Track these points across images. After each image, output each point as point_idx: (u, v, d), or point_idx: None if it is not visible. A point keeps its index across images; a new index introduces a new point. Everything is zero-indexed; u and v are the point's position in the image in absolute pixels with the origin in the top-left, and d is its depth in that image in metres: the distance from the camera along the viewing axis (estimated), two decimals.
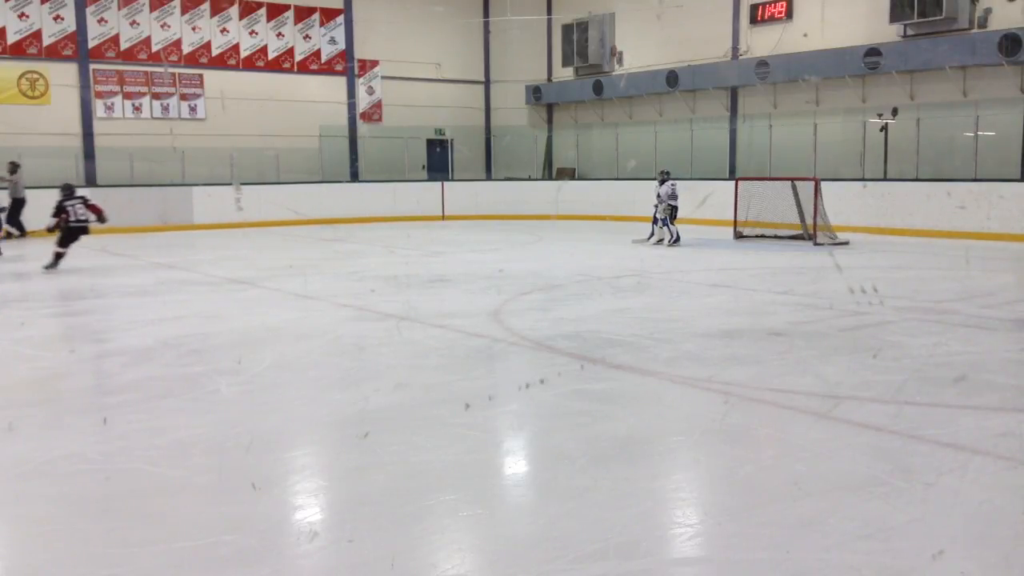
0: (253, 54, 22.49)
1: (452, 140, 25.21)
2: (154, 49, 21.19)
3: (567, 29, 24.10)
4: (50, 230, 12.36)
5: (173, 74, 21.42)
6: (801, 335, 7.30)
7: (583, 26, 23.58)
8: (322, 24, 23.41)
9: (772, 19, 20.04)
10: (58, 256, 12.21)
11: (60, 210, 12.16)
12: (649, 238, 15.39)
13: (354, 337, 7.55)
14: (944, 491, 3.86)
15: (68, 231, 12.22)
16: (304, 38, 23.19)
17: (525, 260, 13.36)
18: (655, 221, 15.26)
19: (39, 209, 16.56)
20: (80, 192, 13.08)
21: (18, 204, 17.45)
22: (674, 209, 15.03)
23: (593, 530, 3.47)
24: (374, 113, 24.42)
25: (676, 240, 14.96)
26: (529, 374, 6.09)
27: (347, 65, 23.73)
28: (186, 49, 21.57)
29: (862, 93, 18.64)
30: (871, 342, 7.02)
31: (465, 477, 4.17)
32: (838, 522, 3.53)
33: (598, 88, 23.47)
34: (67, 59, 20.16)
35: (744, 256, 13.51)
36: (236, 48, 22.26)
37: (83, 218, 12.31)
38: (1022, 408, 5.25)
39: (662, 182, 15.15)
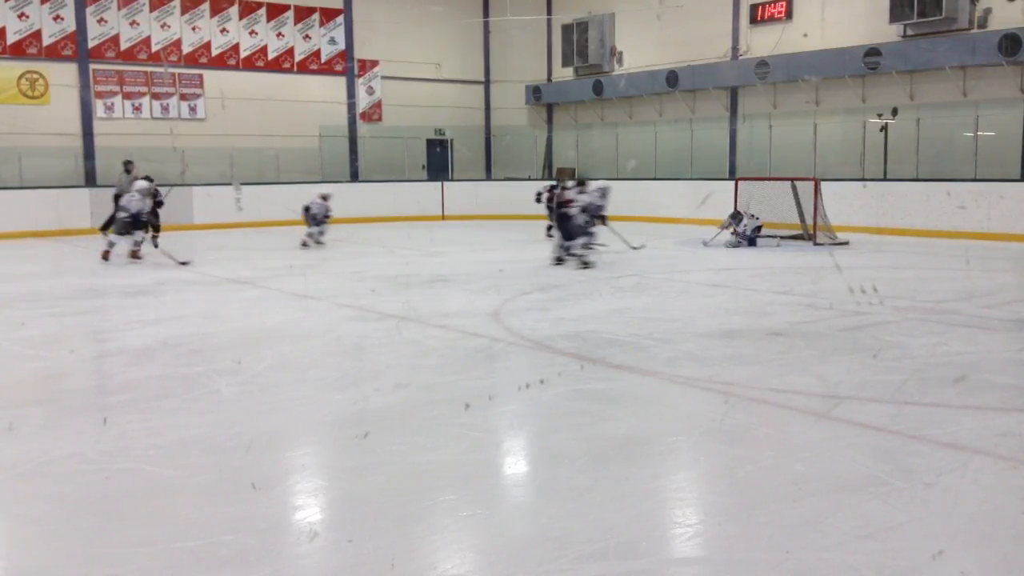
0: (253, 54, 22.48)
1: (452, 140, 25.20)
2: (154, 49, 21.18)
3: (567, 29, 24.09)
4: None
5: (173, 74, 21.41)
6: (801, 335, 7.30)
7: (583, 26, 23.58)
8: (322, 24, 23.40)
9: (772, 19, 20.03)
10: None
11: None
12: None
13: (354, 337, 7.55)
14: (944, 491, 3.86)
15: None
16: (304, 38, 23.18)
17: (525, 260, 13.36)
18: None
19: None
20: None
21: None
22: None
23: (593, 530, 3.47)
24: (374, 113, 24.41)
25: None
26: (529, 374, 6.09)
27: (347, 65, 23.72)
28: (186, 49, 21.56)
29: (862, 93, 18.64)
30: (871, 342, 7.02)
31: (465, 477, 4.17)
32: (838, 522, 3.53)
33: (598, 88, 23.47)
34: (67, 59, 20.15)
35: (744, 256, 13.51)
36: (236, 48, 22.25)
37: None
38: (1022, 408, 5.24)
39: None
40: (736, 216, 15.07)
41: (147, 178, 15.26)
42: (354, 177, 23.51)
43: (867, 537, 3.38)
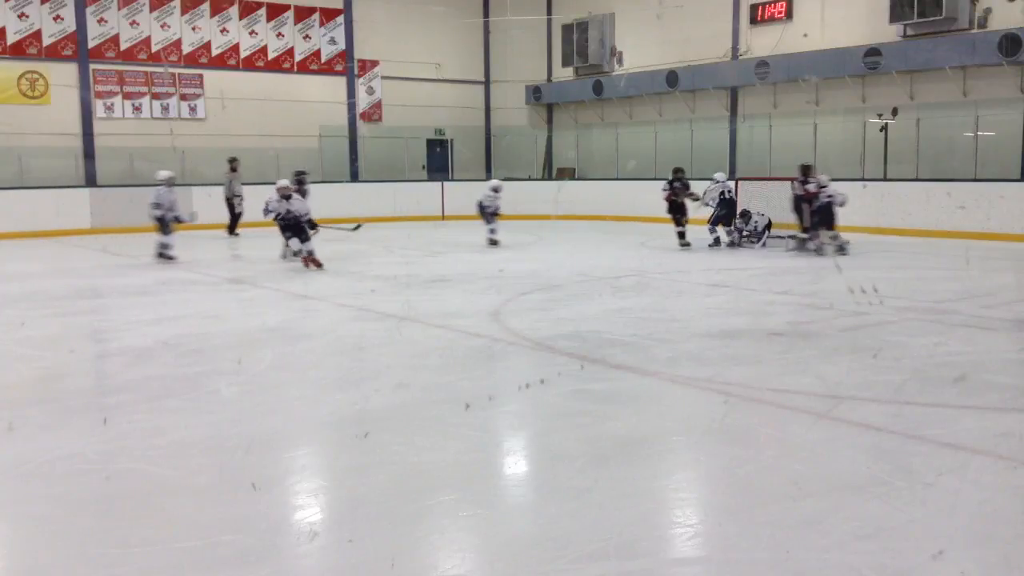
0: (253, 54, 22.48)
1: (452, 140, 25.20)
2: (154, 49, 21.18)
3: (567, 29, 24.09)
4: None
5: (173, 74, 21.41)
6: (801, 335, 7.30)
7: (583, 26, 23.58)
8: (322, 24, 23.40)
9: (772, 19, 20.03)
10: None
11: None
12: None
13: (354, 337, 7.55)
14: (944, 491, 3.86)
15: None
16: (304, 38, 23.18)
17: (525, 260, 13.36)
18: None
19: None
20: None
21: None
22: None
23: (593, 530, 3.47)
24: (374, 113, 24.41)
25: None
26: (529, 374, 6.08)
27: (347, 65, 23.72)
28: (186, 49, 21.56)
29: (862, 93, 18.63)
30: (871, 342, 7.01)
31: (465, 477, 4.17)
32: (838, 522, 3.53)
33: (598, 88, 23.46)
34: (67, 59, 20.15)
35: (744, 256, 13.51)
36: (236, 48, 22.25)
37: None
38: (1022, 408, 5.24)
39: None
40: (745, 215, 15.09)
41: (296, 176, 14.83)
42: (354, 177, 23.50)
43: (867, 537, 3.38)
